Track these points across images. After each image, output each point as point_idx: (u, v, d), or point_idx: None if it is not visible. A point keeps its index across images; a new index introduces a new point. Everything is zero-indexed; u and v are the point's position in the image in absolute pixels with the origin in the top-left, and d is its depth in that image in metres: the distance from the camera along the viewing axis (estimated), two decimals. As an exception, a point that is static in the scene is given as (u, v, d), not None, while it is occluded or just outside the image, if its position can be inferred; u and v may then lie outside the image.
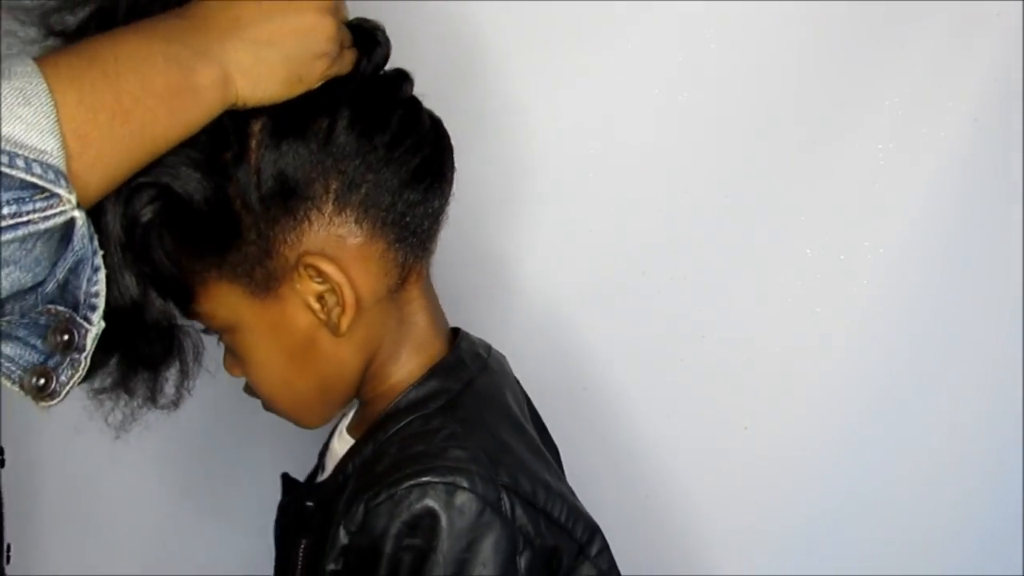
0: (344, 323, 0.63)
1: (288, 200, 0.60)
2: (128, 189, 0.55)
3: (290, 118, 0.59)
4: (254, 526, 0.84)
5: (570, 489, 0.70)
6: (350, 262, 0.63)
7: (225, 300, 0.63)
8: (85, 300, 0.52)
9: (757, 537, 1.08)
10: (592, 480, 1.08)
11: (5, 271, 0.47)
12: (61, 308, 0.52)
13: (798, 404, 1.05)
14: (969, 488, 1.04)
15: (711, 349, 1.05)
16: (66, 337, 0.52)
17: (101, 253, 0.51)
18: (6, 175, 0.46)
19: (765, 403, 1.05)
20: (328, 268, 0.62)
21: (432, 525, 0.58)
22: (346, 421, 0.74)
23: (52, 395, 0.53)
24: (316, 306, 0.63)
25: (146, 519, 1.18)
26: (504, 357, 0.79)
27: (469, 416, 0.66)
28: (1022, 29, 0.94)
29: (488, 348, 0.75)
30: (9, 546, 0.82)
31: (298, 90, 0.59)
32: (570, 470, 0.85)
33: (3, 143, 0.46)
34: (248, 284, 0.62)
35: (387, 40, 0.66)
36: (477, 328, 0.78)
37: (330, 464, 0.72)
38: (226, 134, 0.58)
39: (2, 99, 0.46)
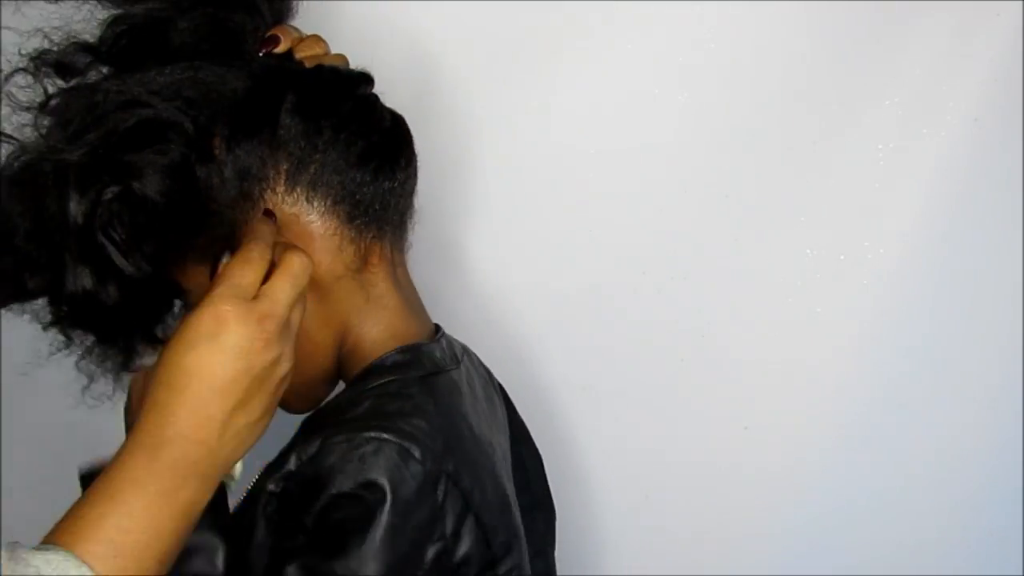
0: None
1: (244, 183, 0.65)
2: (95, 196, 0.59)
3: (246, 118, 0.65)
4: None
5: (506, 502, 0.71)
6: (305, 239, 0.67)
7: (200, 286, 0.66)
8: None
9: (756, 537, 1.08)
10: (592, 479, 1.09)
11: None
12: None
13: (798, 404, 1.05)
14: (969, 488, 1.04)
15: (711, 349, 1.05)
16: None
17: None
18: None
19: (765, 403, 1.05)
20: None
21: (376, 482, 0.60)
22: None
23: None
24: None
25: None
26: (480, 365, 0.80)
27: (441, 400, 0.69)
28: (1022, 29, 0.93)
29: (464, 353, 0.78)
30: None
31: (274, 406, 0.63)
32: (571, 469, 0.85)
33: None
34: (216, 265, 0.65)
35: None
36: (476, 329, 0.78)
37: None
38: (193, 141, 0.62)
39: None
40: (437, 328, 0.77)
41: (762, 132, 1.00)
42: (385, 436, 0.61)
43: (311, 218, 0.68)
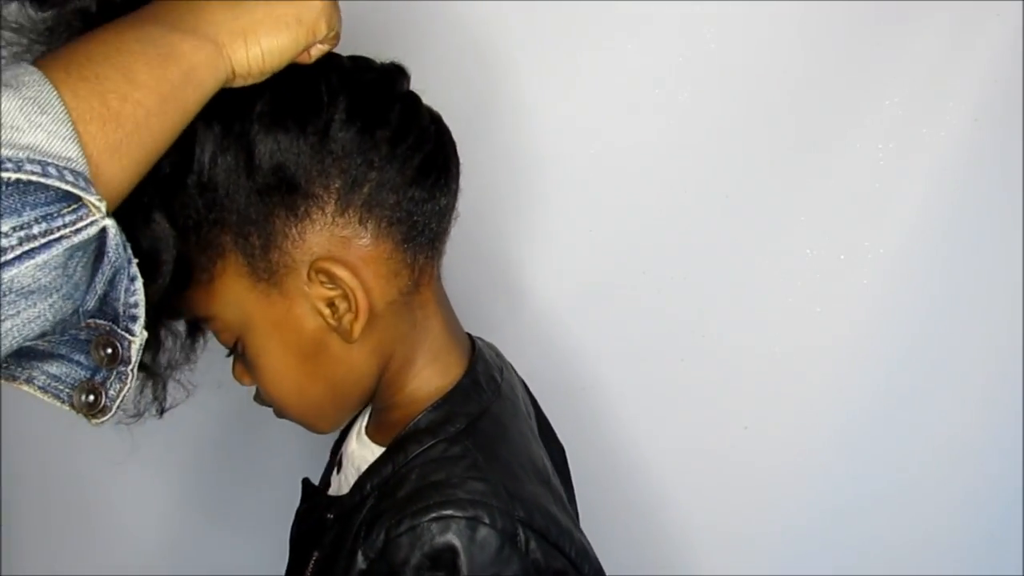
0: (356, 329, 0.62)
1: (287, 196, 0.59)
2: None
3: (286, 108, 0.58)
4: (262, 531, 0.84)
5: (575, 523, 0.69)
6: (360, 265, 0.61)
7: (232, 298, 0.62)
8: (124, 312, 0.50)
9: (757, 537, 1.08)
10: (592, 479, 1.08)
11: (48, 301, 0.45)
12: (101, 321, 0.50)
13: (798, 404, 1.05)
14: (969, 488, 1.05)
15: (711, 349, 1.05)
16: (110, 351, 0.51)
17: (136, 261, 0.49)
18: (38, 185, 0.43)
19: (765, 403, 1.05)
20: (341, 273, 0.60)
21: (453, 560, 0.58)
22: (364, 421, 0.73)
23: (103, 411, 0.52)
24: (326, 311, 0.62)
25: (153, 523, 1.19)
26: (511, 367, 0.78)
27: (488, 445, 0.65)
28: (1022, 29, 0.93)
29: (501, 368, 0.74)
30: None
31: (304, 36, 0.56)
32: (571, 470, 0.85)
33: (30, 153, 0.43)
34: (252, 278, 0.61)
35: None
36: (478, 328, 0.78)
37: (347, 465, 0.72)
38: (222, 118, 0.56)
39: (18, 109, 0.44)
40: (472, 344, 0.72)
41: (762, 132, 1.00)
42: (447, 512, 0.58)
43: (364, 241, 0.61)
